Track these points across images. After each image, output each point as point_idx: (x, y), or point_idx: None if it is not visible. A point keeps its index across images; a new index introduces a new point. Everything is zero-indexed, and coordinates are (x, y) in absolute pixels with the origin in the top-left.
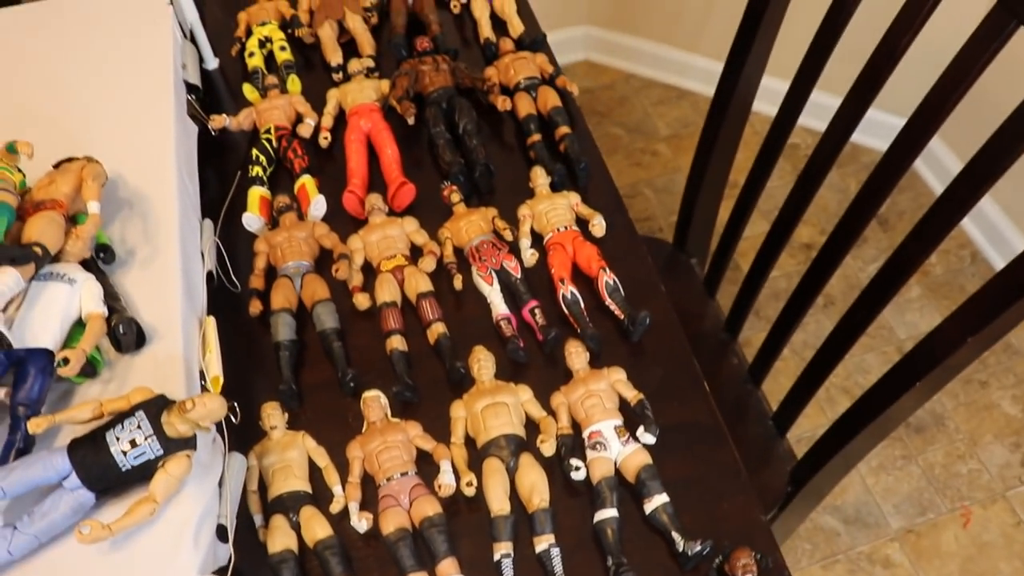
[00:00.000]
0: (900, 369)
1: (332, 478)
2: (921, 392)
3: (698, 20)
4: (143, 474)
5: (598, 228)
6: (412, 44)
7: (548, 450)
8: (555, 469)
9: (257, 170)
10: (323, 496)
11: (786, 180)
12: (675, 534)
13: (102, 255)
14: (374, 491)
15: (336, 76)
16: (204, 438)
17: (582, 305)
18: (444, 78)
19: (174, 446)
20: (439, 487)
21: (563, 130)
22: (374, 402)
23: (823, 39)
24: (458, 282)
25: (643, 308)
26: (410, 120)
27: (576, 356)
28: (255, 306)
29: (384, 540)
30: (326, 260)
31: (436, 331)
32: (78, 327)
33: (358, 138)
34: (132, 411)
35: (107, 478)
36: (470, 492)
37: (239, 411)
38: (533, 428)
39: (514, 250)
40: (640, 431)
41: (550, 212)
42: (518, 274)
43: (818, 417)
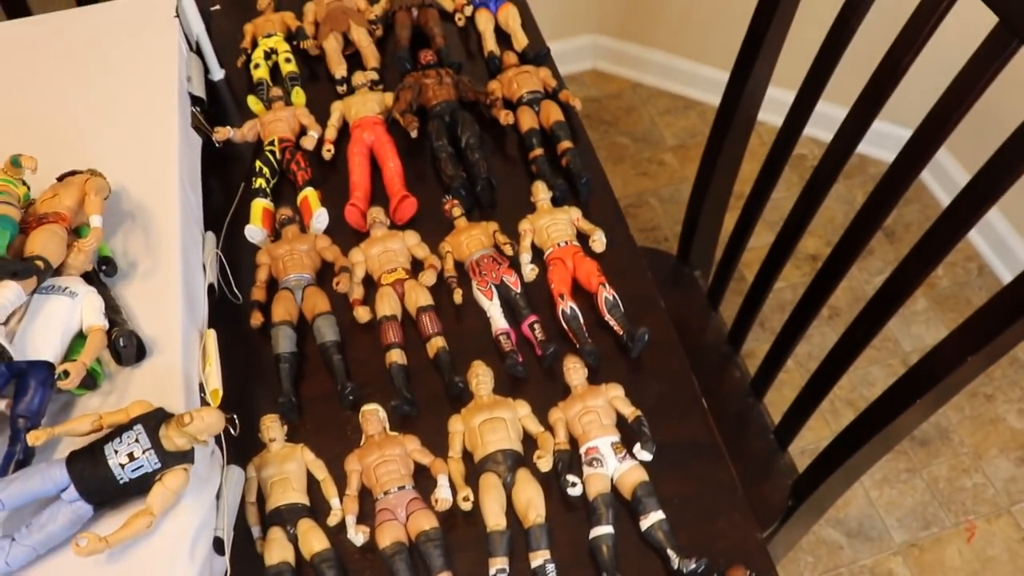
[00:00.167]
0: (904, 384)
1: (330, 491)
2: (925, 407)
3: (706, 30)
4: (141, 487)
5: (598, 244)
6: (416, 57)
7: (545, 466)
8: (552, 484)
9: (260, 182)
10: (321, 509)
11: (792, 191)
12: (670, 551)
13: (104, 268)
14: (372, 504)
15: (340, 89)
16: (202, 451)
17: (581, 321)
18: (447, 91)
19: (172, 460)
20: (436, 501)
21: (565, 144)
22: (372, 416)
23: (829, 50)
24: (458, 296)
25: (643, 324)
26: (413, 133)
27: (574, 372)
28: (256, 318)
29: (380, 554)
30: (327, 273)
31: (435, 345)
32: (79, 340)
33: (361, 151)
34: (131, 424)
35: (105, 491)
36: (467, 507)
37: (238, 423)
38: (531, 443)
39: (514, 265)
40: (637, 448)
41: (551, 227)
42: (518, 289)
43: (822, 429)
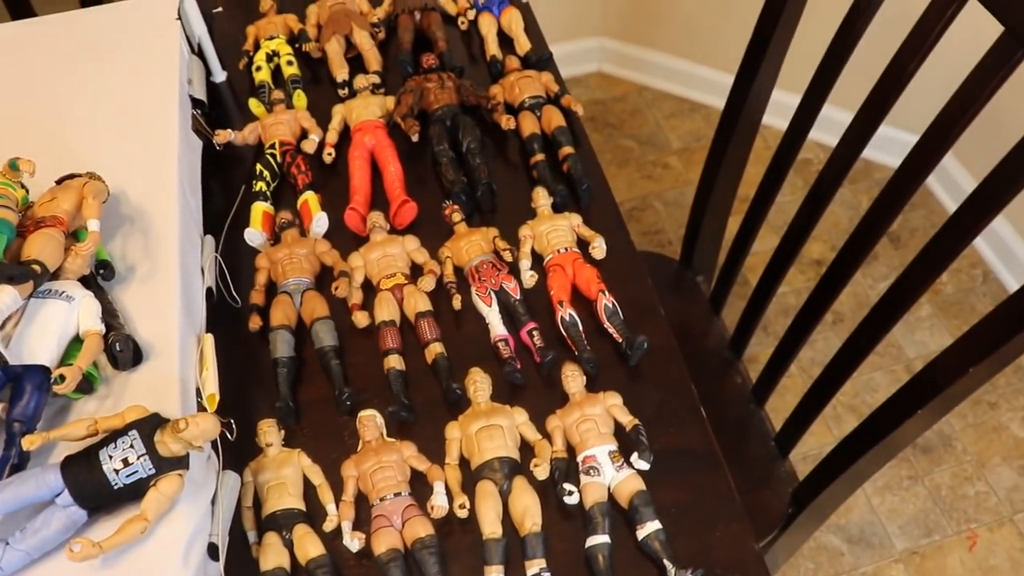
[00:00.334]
0: (907, 392)
1: (326, 496)
2: (928, 416)
3: (712, 33)
4: (135, 493)
5: (598, 251)
6: (418, 60)
7: (542, 474)
8: (549, 493)
9: (261, 185)
10: (317, 514)
11: (798, 195)
12: (667, 562)
13: (102, 272)
14: (368, 510)
15: (342, 92)
16: (198, 456)
17: (580, 328)
18: (449, 96)
19: (167, 465)
20: (432, 508)
21: (566, 150)
22: (370, 421)
23: (834, 54)
24: (457, 302)
25: (642, 332)
26: (414, 138)
27: (572, 379)
28: (255, 322)
29: (376, 560)
30: (327, 277)
31: (434, 351)
32: (76, 344)
33: (362, 155)
34: (126, 429)
35: (99, 496)
36: (463, 514)
37: (235, 427)
38: (528, 451)
39: (514, 271)
40: (634, 457)
41: (551, 233)
42: (517, 295)
43: (824, 435)
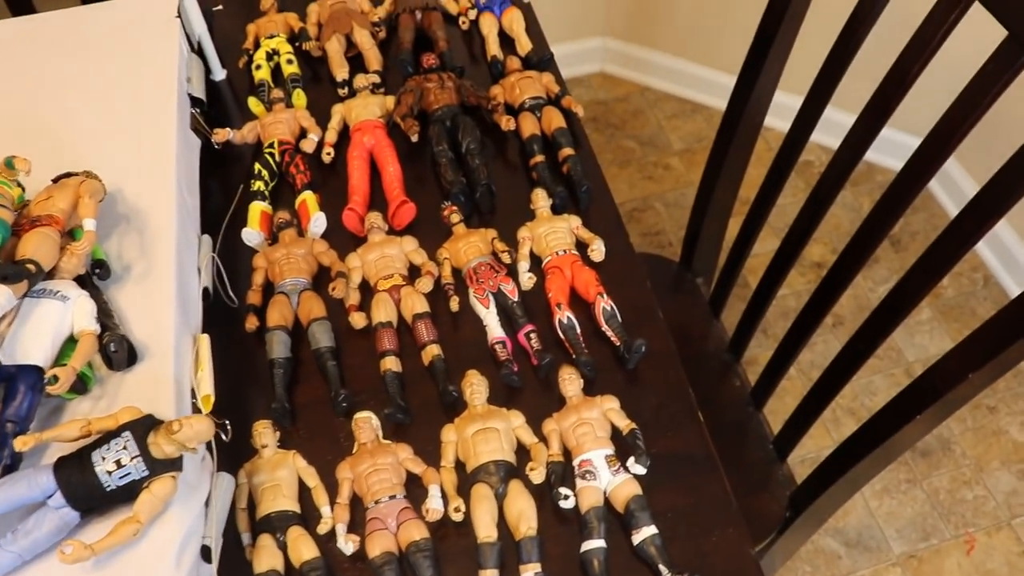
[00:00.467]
0: (906, 397)
1: (321, 498)
2: (927, 421)
3: (715, 34)
4: (128, 494)
5: (597, 254)
6: (419, 60)
7: (538, 477)
8: (545, 496)
9: (259, 184)
10: (312, 516)
11: (799, 197)
12: (662, 567)
13: (97, 271)
14: (363, 513)
15: (341, 91)
16: (192, 457)
17: (578, 331)
18: (449, 96)
19: (160, 467)
20: (427, 512)
21: (566, 151)
22: (365, 424)
23: (837, 56)
24: (454, 304)
25: (640, 335)
26: (413, 138)
27: (569, 383)
28: (251, 322)
29: (370, 563)
30: (324, 277)
31: (431, 353)
32: (70, 344)
33: (361, 155)
34: (119, 431)
35: (92, 498)
36: (458, 517)
37: (231, 428)
38: (525, 454)
39: (512, 273)
40: (631, 461)
41: (550, 235)
42: (515, 297)
43: (823, 438)
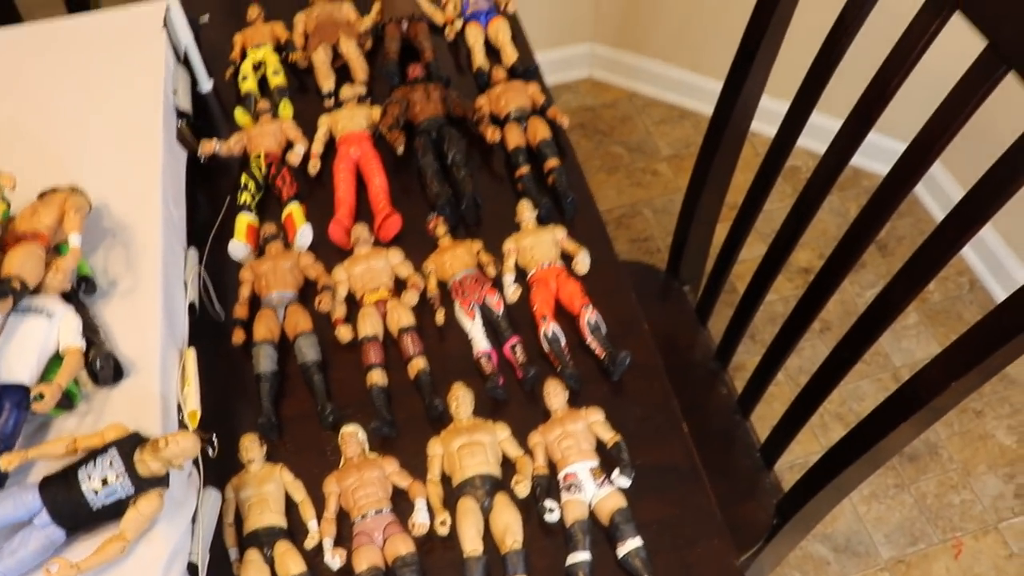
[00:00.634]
0: (892, 404)
1: (308, 513)
2: (912, 428)
3: (702, 40)
4: (115, 512)
5: (581, 266)
6: (405, 70)
7: (523, 491)
8: (530, 509)
9: (245, 196)
10: (299, 530)
11: (787, 203)
12: None
13: (83, 286)
14: (349, 527)
15: (328, 102)
16: (178, 473)
17: (563, 343)
18: (435, 107)
19: (146, 485)
20: (413, 526)
21: (552, 163)
22: (351, 438)
23: (822, 62)
24: (440, 317)
25: (625, 346)
26: (399, 150)
27: (554, 396)
28: (238, 336)
29: None
30: (311, 290)
31: (416, 366)
32: (56, 360)
33: (347, 167)
34: (105, 449)
35: (78, 516)
36: (444, 531)
37: (217, 442)
38: (510, 466)
39: (497, 285)
40: (615, 474)
41: (535, 247)
42: (500, 310)
43: (811, 444)
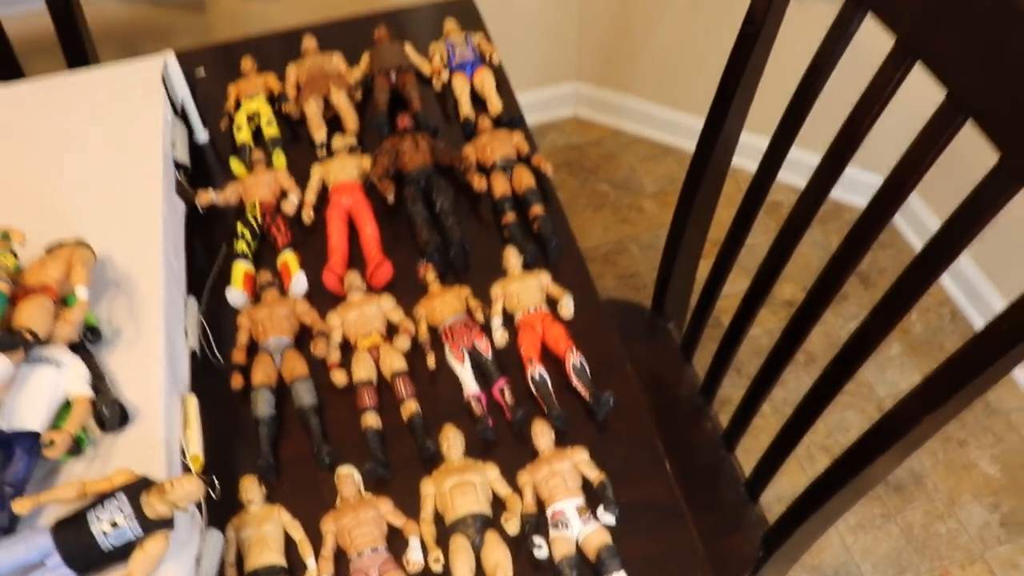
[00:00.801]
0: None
1: (306, 551)
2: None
3: (685, 78)
4: (123, 554)
5: (566, 311)
6: (394, 120)
7: (512, 528)
8: (520, 546)
9: (242, 245)
10: (297, 568)
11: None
12: None
13: (89, 336)
14: (346, 565)
15: (320, 152)
16: (182, 514)
17: (550, 385)
18: (423, 156)
19: (153, 526)
20: (407, 563)
21: (536, 210)
22: (347, 479)
23: (797, 105)
24: (431, 361)
25: (609, 386)
26: (389, 200)
27: (542, 436)
28: (237, 381)
29: None
30: (306, 335)
31: (409, 409)
32: (65, 407)
33: (339, 215)
34: (113, 492)
35: (88, 557)
36: (437, 568)
37: (218, 483)
38: (500, 504)
39: (486, 329)
40: (600, 511)
41: (521, 293)
42: (488, 354)
43: (798, 475)
